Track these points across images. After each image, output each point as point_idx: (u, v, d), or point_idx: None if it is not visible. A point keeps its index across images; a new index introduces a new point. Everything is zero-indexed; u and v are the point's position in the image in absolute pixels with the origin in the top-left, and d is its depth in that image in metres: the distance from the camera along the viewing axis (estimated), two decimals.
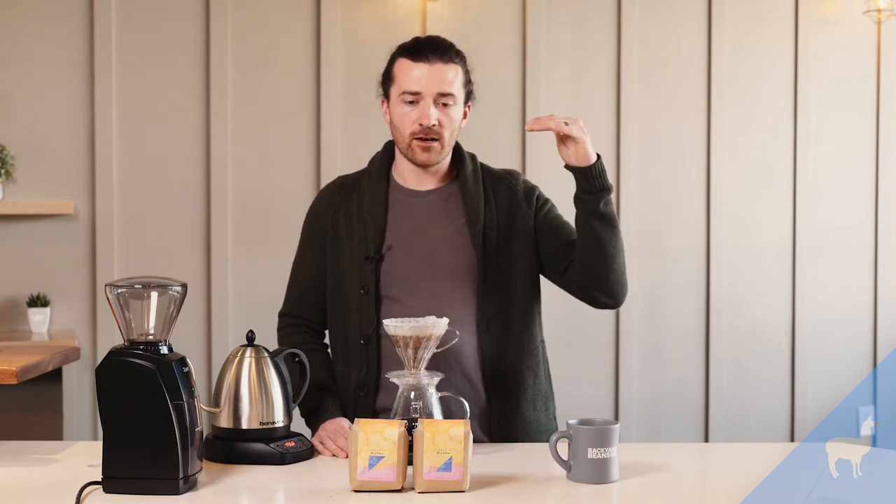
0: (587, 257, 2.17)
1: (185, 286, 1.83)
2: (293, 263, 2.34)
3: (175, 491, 1.74)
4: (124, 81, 3.91)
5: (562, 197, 4.21)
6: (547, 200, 2.32)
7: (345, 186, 2.31)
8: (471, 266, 2.21)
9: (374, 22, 3.99)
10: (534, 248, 2.26)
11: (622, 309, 4.10)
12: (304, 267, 2.31)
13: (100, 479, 1.75)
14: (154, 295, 1.80)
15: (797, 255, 4.22)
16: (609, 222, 2.15)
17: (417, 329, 1.97)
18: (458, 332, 2.08)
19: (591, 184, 2.12)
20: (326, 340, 2.34)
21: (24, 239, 3.88)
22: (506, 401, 2.23)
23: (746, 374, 4.20)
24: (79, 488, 1.73)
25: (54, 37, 3.88)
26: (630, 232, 4.10)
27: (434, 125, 2.16)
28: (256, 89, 3.97)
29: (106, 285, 1.82)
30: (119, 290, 1.80)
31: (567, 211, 2.33)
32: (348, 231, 2.24)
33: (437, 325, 1.98)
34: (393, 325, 1.99)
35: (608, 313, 4.08)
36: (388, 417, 2.04)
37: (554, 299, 2.53)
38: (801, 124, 4.20)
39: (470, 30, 4.02)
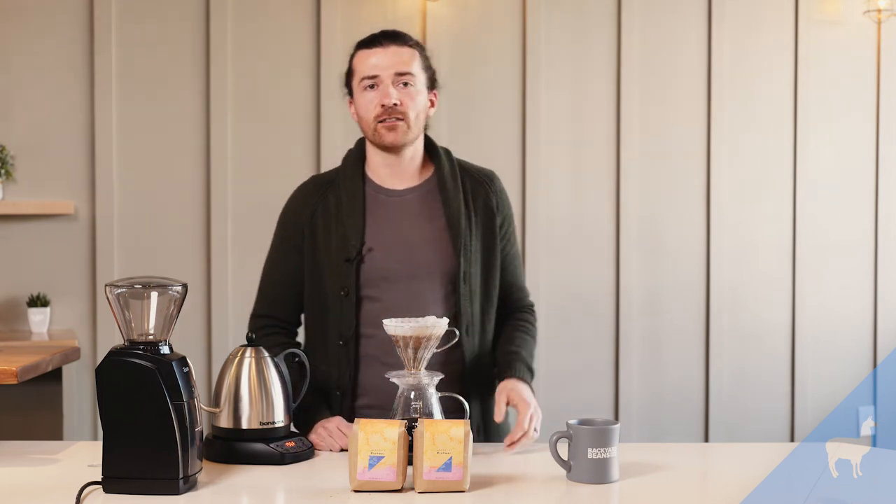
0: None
1: (185, 286, 1.83)
2: (265, 264, 2.33)
3: (175, 491, 1.74)
4: (124, 81, 3.90)
5: (561, 196, 4.20)
6: (510, 228, 2.34)
7: (320, 187, 2.30)
8: (450, 267, 2.21)
9: (374, 22, 3.98)
10: (499, 259, 2.30)
11: (622, 309, 4.11)
12: (280, 267, 2.30)
13: (100, 479, 1.76)
14: (154, 295, 1.80)
15: (797, 255, 4.21)
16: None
17: (417, 329, 1.97)
18: (457, 332, 2.09)
19: None
20: (299, 339, 2.34)
21: (24, 239, 3.88)
22: (483, 403, 2.24)
23: (746, 374, 4.20)
24: (79, 488, 1.73)
25: (55, 37, 3.88)
26: (630, 232, 4.10)
27: (396, 104, 2.17)
28: (256, 89, 3.96)
29: (106, 285, 1.82)
30: (119, 290, 1.80)
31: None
32: (326, 233, 2.23)
33: (437, 326, 1.99)
34: (393, 325, 1.99)
35: (609, 314, 4.09)
36: (390, 415, 2.05)
37: (555, 299, 2.53)
38: (801, 124, 4.20)
39: (470, 30, 4.02)
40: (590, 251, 4.07)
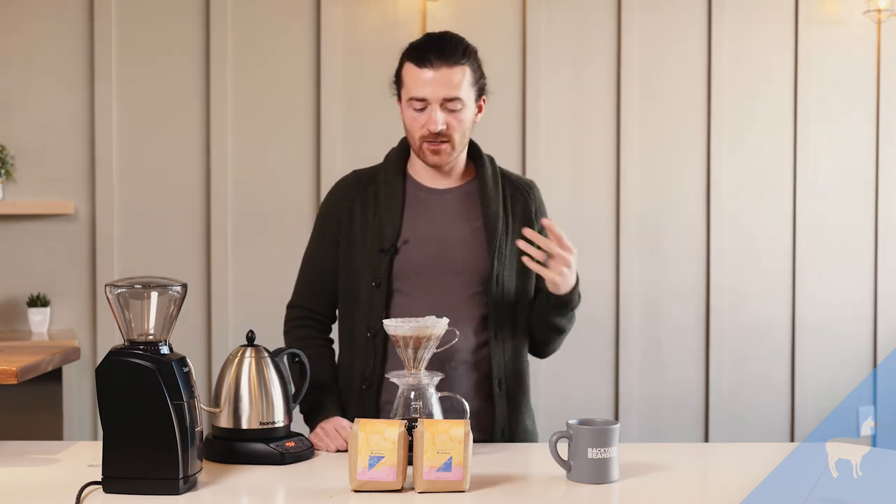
0: (542, 331, 2.29)
1: (185, 286, 1.83)
2: (304, 255, 2.34)
3: (175, 491, 1.74)
4: (124, 81, 3.91)
5: (560, 195, 4.19)
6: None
7: (360, 180, 2.31)
8: (483, 267, 2.21)
9: (374, 22, 3.99)
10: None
11: (622, 309, 4.11)
12: (316, 259, 2.31)
13: (100, 479, 1.75)
14: (154, 295, 1.80)
15: (797, 255, 4.22)
16: (571, 317, 2.27)
17: (417, 329, 1.97)
18: (457, 332, 2.08)
19: (561, 303, 2.21)
20: (333, 335, 2.34)
21: (24, 239, 3.88)
22: (508, 406, 2.23)
23: (746, 374, 4.20)
24: (79, 488, 1.73)
25: (54, 37, 3.88)
26: (630, 232, 4.10)
27: (442, 129, 2.16)
28: (256, 89, 3.96)
29: (106, 285, 1.82)
30: (119, 290, 1.80)
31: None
32: (363, 224, 2.24)
33: (437, 325, 1.98)
34: (393, 325, 1.99)
35: (609, 313, 4.10)
36: (390, 415, 2.04)
37: None
38: (800, 124, 4.20)
39: (470, 30, 3.97)
40: (590, 251, 4.07)
